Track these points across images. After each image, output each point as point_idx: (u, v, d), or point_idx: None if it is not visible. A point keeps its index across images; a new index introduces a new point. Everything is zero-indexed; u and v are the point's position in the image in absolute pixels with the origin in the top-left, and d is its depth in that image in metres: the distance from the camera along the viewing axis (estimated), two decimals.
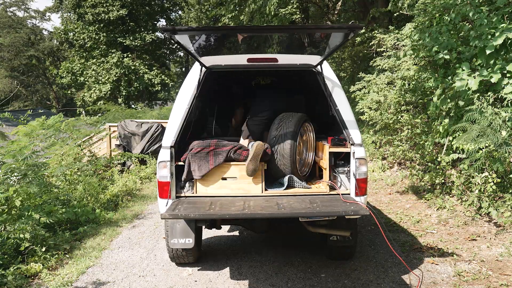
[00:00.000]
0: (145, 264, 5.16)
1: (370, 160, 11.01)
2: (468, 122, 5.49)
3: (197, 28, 4.15)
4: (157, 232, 6.44)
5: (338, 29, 3.84)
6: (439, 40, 5.95)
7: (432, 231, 6.13)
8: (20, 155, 6.10)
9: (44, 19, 47.92)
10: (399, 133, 9.31)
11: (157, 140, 11.73)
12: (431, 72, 6.93)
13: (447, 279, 4.57)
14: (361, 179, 4.21)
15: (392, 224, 6.57)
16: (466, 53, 5.99)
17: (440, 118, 6.74)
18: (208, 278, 4.71)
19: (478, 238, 5.70)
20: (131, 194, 9.13)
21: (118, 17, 29.42)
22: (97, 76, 29.56)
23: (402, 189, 8.68)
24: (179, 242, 4.57)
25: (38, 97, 45.37)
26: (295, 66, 4.79)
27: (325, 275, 4.70)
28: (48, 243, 5.40)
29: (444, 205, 6.86)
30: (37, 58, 42.15)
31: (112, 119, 17.62)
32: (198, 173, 4.32)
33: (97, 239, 6.10)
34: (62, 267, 5.10)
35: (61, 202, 6.46)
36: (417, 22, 6.97)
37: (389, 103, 9.09)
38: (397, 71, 8.95)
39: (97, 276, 4.84)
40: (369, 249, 5.51)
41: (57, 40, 38.85)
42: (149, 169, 11.26)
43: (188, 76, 4.88)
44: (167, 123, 4.53)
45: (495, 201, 6.08)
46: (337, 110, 4.48)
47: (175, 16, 36.61)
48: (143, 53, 31.99)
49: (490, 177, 5.94)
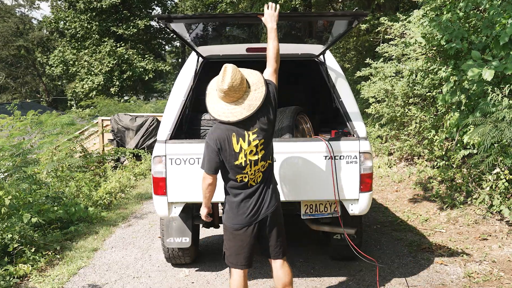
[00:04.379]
0: (140, 265, 5.07)
1: (376, 156, 10.86)
2: (480, 115, 5.30)
3: (194, 16, 3.97)
4: (152, 231, 6.34)
5: (342, 16, 3.77)
6: (449, 29, 5.76)
7: (441, 230, 6.01)
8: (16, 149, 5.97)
9: (33, 8, 47.25)
10: (407, 127, 9.13)
11: (152, 134, 11.60)
12: (441, 63, 6.74)
13: (456, 280, 4.48)
14: (366, 174, 4.08)
15: (399, 222, 6.45)
16: (477, 43, 5.80)
17: (451, 111, 6.56)
18: (206, 279, 4.62)
19: (489, 237, 5.58)
20: (125, 191, 8.98)
21: (111, 5, 28.87)
22: (89, 67, 29.06)
23: (409, 186, 8.53)
24: (175, 241, 4.51)
25: (27, 89, 45.02)
26: (297, 56, 4.63)
27: (329, 277, 4.60)
28: (38, 243, 5.28)
29: (454, 203, 6.71)
30: (26, 48, 41.66)
31: (105, 112, 17.40)
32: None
33: (89, 238, 5.98)
34: (52, 268, 4.98)
35: (52, 200, 6.29)
36: (426, 10, 6.75)
37: (396, 94, 8.91)
38: (405, 61, 8.75)
39: (89, 277, 4.74)
40: (374, 249, 5.39)
41: (47, 29, 38.39)
42: (143, 165, 11.10)
43: (184, 67, 4.75)
44: (162, 117, 4.37)
45: (507, 199, 5.92)
46: (341, 102, 4.36)
47: (170, 4, 36.29)
48: (137, 42, 31.74)
49: (502, 173, 5.79)
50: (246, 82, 3.13)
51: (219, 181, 3.33)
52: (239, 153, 3.14)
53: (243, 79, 3.09)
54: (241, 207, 3.26)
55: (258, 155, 3.17)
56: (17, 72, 43.09)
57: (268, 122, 3.19)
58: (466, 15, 6.05)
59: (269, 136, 3.24)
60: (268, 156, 3.26)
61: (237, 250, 3.34)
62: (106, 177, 9.50)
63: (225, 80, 3.04)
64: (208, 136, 3.25)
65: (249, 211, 3.24)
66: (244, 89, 3.10)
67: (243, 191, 3.25)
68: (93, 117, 12.67)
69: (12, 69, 42.56)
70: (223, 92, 3.07)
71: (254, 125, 3.14)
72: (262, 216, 3.26)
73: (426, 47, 6.99)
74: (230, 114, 3.10)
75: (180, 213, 4.15)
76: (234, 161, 3.16)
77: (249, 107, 3.09)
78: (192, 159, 4.06)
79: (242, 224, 3.26)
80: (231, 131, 3.14)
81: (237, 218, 3.27)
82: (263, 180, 3.27)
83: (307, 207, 4.26)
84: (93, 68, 28.75)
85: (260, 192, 3.26)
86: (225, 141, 3.15)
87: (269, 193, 3.28)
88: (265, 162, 3.24)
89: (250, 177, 3.21)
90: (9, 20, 41.48)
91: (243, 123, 3.12)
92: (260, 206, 3.25)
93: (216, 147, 3.17)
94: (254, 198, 3.24)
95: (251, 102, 3.10)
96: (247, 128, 3.13)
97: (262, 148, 3.18)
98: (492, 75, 4.86)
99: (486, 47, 5.73)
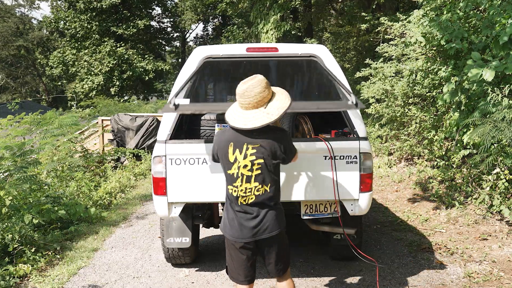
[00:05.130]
0: (140, 265, 5.05)
1: (376, 156, 10.84)
2: (480, 115, 5.29)
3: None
4: (152, 231, 6.31)
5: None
6: (449, 29, 5.75)
7: (441, 230, 5.99)
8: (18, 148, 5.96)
9: (33, 8, 47.18)
10: (407, 127, 9.12)
11: (152, 134, 11.55)
12: (441, 63, 6.73)
13: (456, 280, 4.47)
14: (366, 174, 4.07)
15: (399, 222, 6.43)
16: (477, 43, 5.79)
17: (451, 111, 6.55)
18: (206, 279, 4.60)
19: (489, 237, 5.56)
20: (125, 191, 8.96)
21: (111, 5, 28.89)
22: (89, 67, 29.00)
23: (409, 186, 8.51)
24: (175, 241, 4.48)
25: (27, 89, 44.94)
26: (297, 55, 4.61)
27: (329, 277, 4.58)
28: (38, 243, 5.26)
29: (454, 203, 6.69)
30: (26, 48, 41.64)
31: (105, 113, 17.37)
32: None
33: (89, 238, 5.96)
34: (52, 268, 4.96)
35: (52, 200, 6.28)
36: (426, 10, 6.75)
37: (396, 94, 8.90)
38: (405, 61, 8.74)
39: (89, 277, 4.72)
40: (375, 249, 5.38)
41: (47, 29, 38.32)
42: (144, 165, 11.06)
43: (184, 66, 4.70)
44: (162, 117, 4.35)
45: (507, 198, 5.91)
46: None
47: (170, 4, 36.15)
48: (137, 42, 31.65)
49: (502, 173, 5.78)
50: (266, 103, 3.04)
51: (220, 181, 3.29)
52: (233, 164, 3.08)
53: (262, 94, 3.02)
54: (232, 220, 3.17)
55: (253, 173, 3.05)
56: (17, 72, 42.95)
57: (271, 151, 3.06)
58: (466, 15, 6.05)
59: (268, 166, 3.08)
60: (266, 182, 3.08)
61: (236, 264, 3.27)
62: (106, 177, 9.47)
63: (244, 84, 3.03)
64: (214, 138, 3.28)
65: (241, 228, 3.12)
66: (258, 104, 3.02)
67: (236, 205, 3.14)
68: (93, 117, 12.62)
69: (12, 69, 42.42)
70: (237, 94, 3.06)
71: (256, 141, 3.05)
72: (257, 238, 3.13)
73: (426, 47, 6.98)
74: (234, 120, 3.07)
75: (180, 213, 4.14)
76: (228, 170, 3.12)
77: (250, 121, 3.02)
78: (192, 159, 4.05)
79: (235, 238, 3.16)
80: (231, 140, 3.09)
81: (231, 230, 3.18)
82: (257, 205, 3.10)
83: (307, 207, 4.24)
84: (93, 68, 28.68)
85: (253, 215, 3.10)
86: (221, 149, 3.14)
87: (267, 219, 3.11)
88: (261, 186, 3.07)
89: (240, 193, 3.08)
90: (9, 20, 41.34)
91: (246, 134, 3.05)
92: (255, 228, 3.10)
93: (214, 151, 3.23)
94: (245, 217, 3.11)
95: (256, 119, 3.01)
96: (248, 141, 3.05)
97: (259, 168, 3.05)
98: (493, 76, 4.86)
99: (486, 47, 5.72)
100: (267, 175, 3.08)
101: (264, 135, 3.05)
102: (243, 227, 3.11)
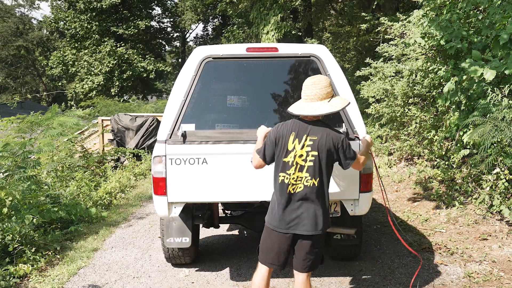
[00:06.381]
0: (140, 265, 5.05)
1: (376, 156, 10.82)
2: (480, 115, 5.29)
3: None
4: (152, 231, 6.31)
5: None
6: (449, 29, 5.75)
7: (441, 230, 5.99)
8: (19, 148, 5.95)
9: (33, 8, 47.14)
10: (407, 127, 9.11)
11: (152, 134, 11.55)
12: (440, 63, 6.72)
13: (456, 280, 4.47)
14: (366, 174, 4.08)
15: (399, 222, 6.44)
16: (477, 43, 5.79)
17: (451, 111, 6.54)
18: (206, 279, 4.60)
19: (489, 237, 5.56)
20: (125, 191, 8.96)
21: (111, 5, 28.83)
22: (89, 67, 28.99)
23: (409, 186, 8.51)
24: (175, 241, 4.48)
25: (27, 89, 44.89)
26: (297, 55, 4.61)
27: (329, 277, 4.58)
28: (38, 243, 5.26)
29: (454, 203, 6.69)
30: (26, 48, 41.59)
31: (105, 113, 17.36)
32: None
33: (89, 238, 5.95)
34: (52, 268, 4.95)
35: (52, 200, 6.28)
36: (426, 10, 6.75)
37: (396, 94, 8.90)
38: (405, 61, 8.73)
39: (89, 277, 4.72)
40: (374, 249, 5.37)
41: (47, 29, 38.31)
42: (144, 165, 11.05)
43: (184, 66, 4.69)
44: (162, 117, 4.35)
45: (507, 198, 5.91)
46: None
47: (170, 4, 36.09)
48: (137, 42, 31.63)
49: (502, 173, 5.77)
50: (330, 98, 3.31)
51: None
52: (291, 152, 3.25)
53: (327, 89, 3.29)
54: (277, 210, 3.29)
55: (306, 163, 3.22)
56: (17, 72, 42.91)
57: (325, 147, 3.24)
58: (466, 15, 6.05)
59: (320, 160, 3.24)
60: (316, 176, 3.23)
61: (267, 249, 3.39)
62: (106, 177, 9.45)
63: (312, 78, 3.34)
64: (273, 128, 3.42)
65: (284, 218, 3.26)
66: (322, 97, 3.28)
67: (282, 196, 3.27)
68: (93, 117, 12.61)
69: (12, 69, 42.38)
70: (305, 86, 3.33)
71: (315, 135, 3.25)
72: (296, 232, 3.25)
73: (426, 47, 6.98)
74: (299, 109, 3.31)
75: (180, 213, 4.15)
76: (284, 157, 3.27)
77: (316, 110, 3.24)
78: (192, 159, 4.05)
79: (275, 227, 3.30)
80: (294, 130, 3.29)
81: (273, 219, 3.33)
82: (303, 198, 3.24)
83: None
84: (93, 68, 28.66)
85: (295, 207, 3.25)
86: (283, 137, 3.29)
87: (307, 216, 3.23)
88: (310, 178, 3.23)
89: (292, 181, 3.24)
90: (9, 20, 41.28)
91: (307, 127, 3.27)
92: (293, 220, 3.24)
93: (274, 139, 3.34)
94: (288, 208, 3.26)
95: (321, 108, 3.25)
96: (308, 133, 3.26)
97: (312, 160, 3.22)
98: (494, 75, 4.86)
99: (486, 47, 5.72)
100: (318, 169, 3.25)
101: (324, 131, 3.27)
102: (283, 216, 3.26)
